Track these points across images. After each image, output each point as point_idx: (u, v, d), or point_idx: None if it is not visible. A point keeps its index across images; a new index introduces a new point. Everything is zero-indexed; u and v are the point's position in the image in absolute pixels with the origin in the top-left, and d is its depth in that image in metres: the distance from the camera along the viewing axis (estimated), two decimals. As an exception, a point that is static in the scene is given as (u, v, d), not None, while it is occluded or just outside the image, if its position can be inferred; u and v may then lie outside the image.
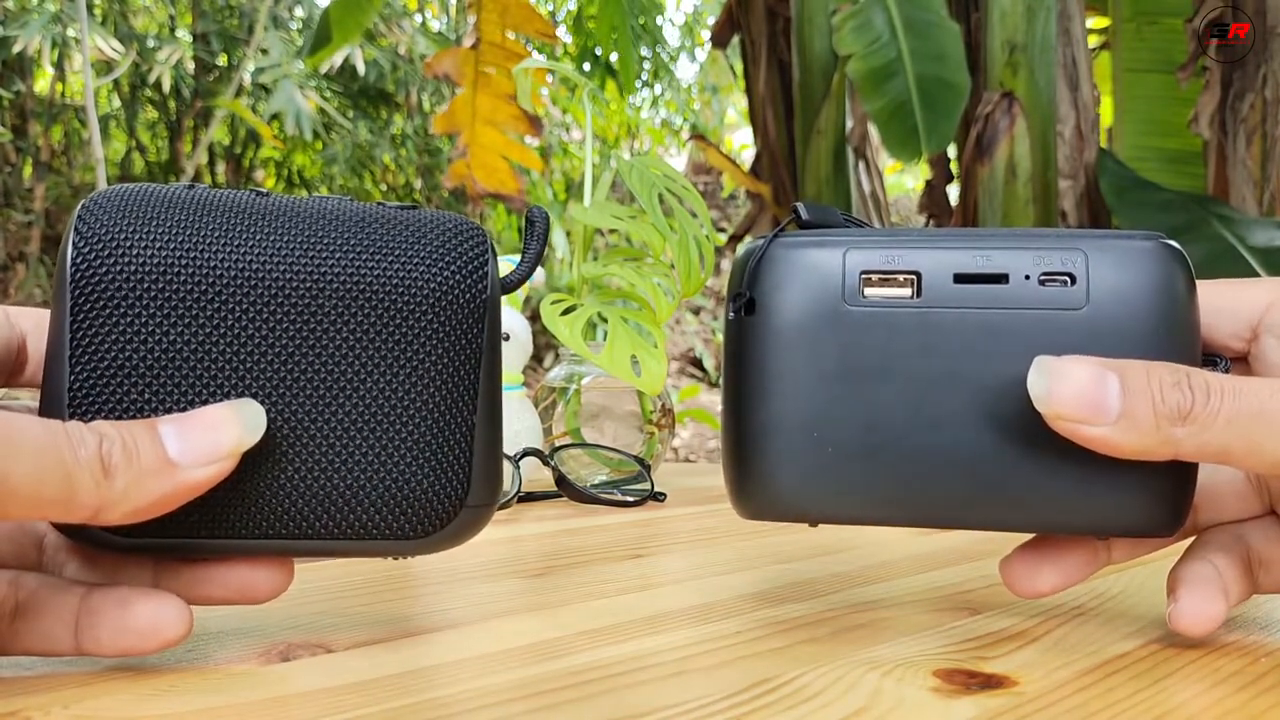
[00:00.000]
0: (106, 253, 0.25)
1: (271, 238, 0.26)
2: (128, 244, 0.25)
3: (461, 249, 0.28)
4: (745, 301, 0.30)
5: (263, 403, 0.26)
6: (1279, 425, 0.25)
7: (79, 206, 0.26)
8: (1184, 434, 0.25)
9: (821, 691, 0.25)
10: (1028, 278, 0.28)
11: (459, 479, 0.28)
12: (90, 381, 0.25)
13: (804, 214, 0.30)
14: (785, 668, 0.27)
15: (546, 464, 0.62)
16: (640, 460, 0.67)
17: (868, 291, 0.28)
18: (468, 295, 0.27)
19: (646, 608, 0.34)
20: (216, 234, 0.26)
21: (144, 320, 0.25)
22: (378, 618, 0.32)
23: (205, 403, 0.25)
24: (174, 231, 0.26)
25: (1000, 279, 0.28)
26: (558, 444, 0.68)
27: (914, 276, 0.28)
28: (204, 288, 0.26)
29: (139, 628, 0.25)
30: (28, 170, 4.09)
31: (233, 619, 0.31)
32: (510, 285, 0.30)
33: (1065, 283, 0.27)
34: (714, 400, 4.48)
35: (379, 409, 0.27)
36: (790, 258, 0.29)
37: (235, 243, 0.26)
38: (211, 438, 0.24)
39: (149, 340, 0.25)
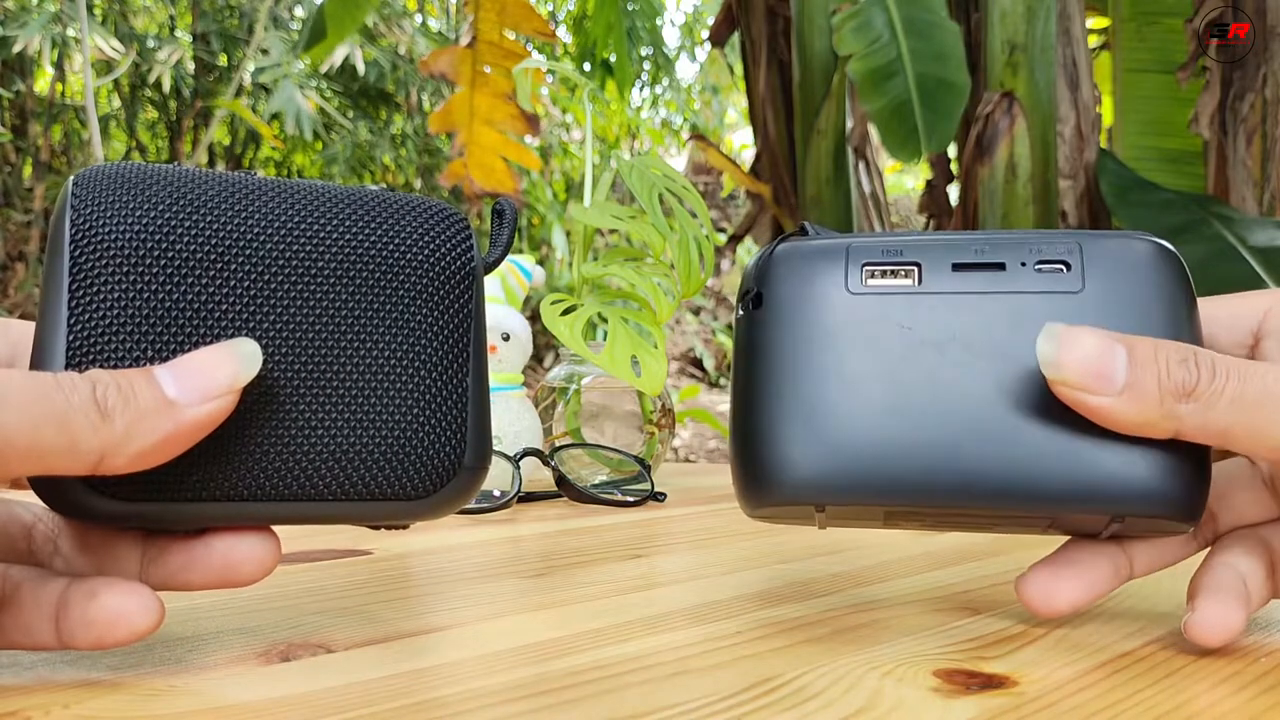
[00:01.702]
0: (109, 213, 0.25)
1: (268, 205, 0.27)
2: (129, 205, 0.25)
3: (447, 222, 0.29)
4: (753, 296, 0.30)
5: (265, 360, 0.26)
6: None
7: (72, 177, 0.26)
8: (1187, 410, 0.25)
9: (821, 691, 0.25)
10: (1023, 264, 0.28)
11: (456, 438, 0.28)
12: (91, 339, 0.25)
13: (810, 231, 0.31)
14: (785, 668, 0.27)
15: (546, 464, 0.62)
16: (640, 460, 0.67)
17: (870, 282, 0.29)
18: (458, 262, 0.29)
19: (646, 608, 0.34)
20: (213, 201, 0.26)
21: (145, 279, 0.25)
22: (378, 618, 0.32)
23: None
24: (173, 197, 0.26)
25: (998, 266, 0.29)
26: (558, 444, 0.68)
27: (915, 266, 0.29)
28: (203, 249, 0.26)
29: (105, 619, 0.25)
30: (28, 170, 4.09)
31: (233, 619, 0.31)
32: (487, 267, 0.31)
33: (1061, 270, 0.28)
34: (714, 400, 4.48)
35: (379, 368, 0.27)
36: (796, 253, 0.30)
37: (233, 209, 0.26)
38: (208, 375, 0.24)
39: (149, 299, 0.25)
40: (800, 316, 0.29)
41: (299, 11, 4.35)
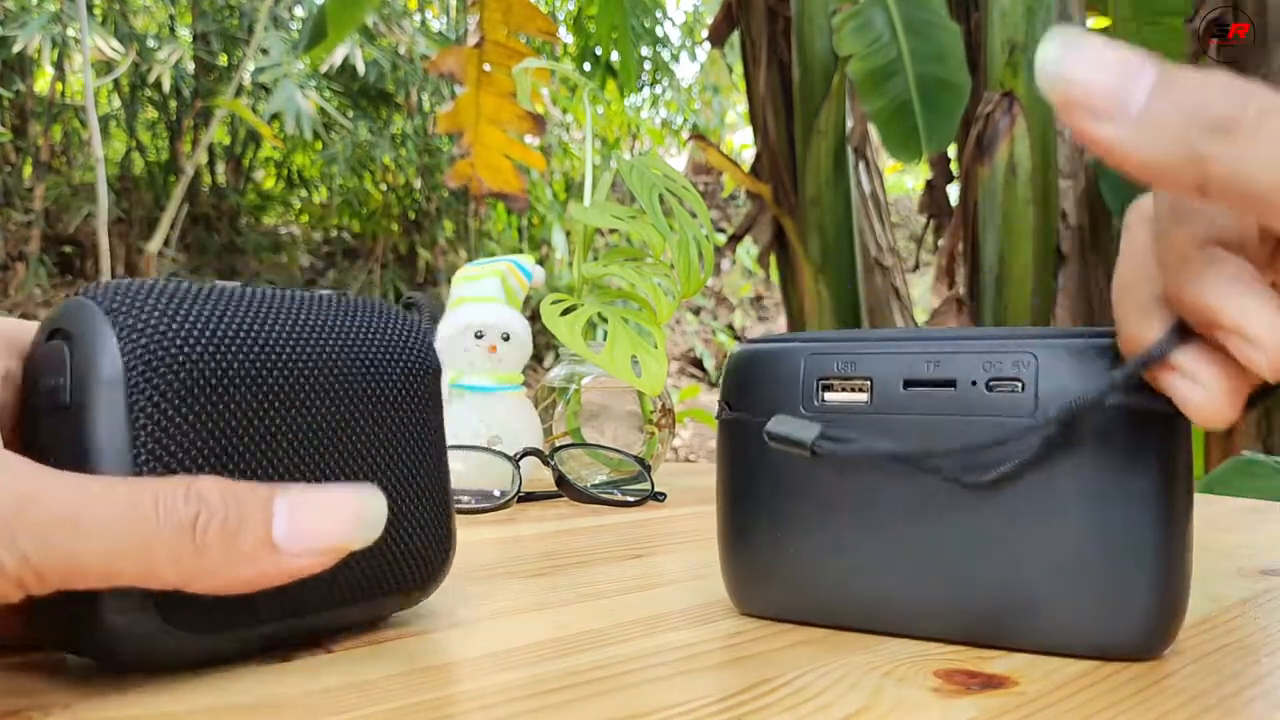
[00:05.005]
0: (170, 345, 0.24)
1: (288, 327, 0.27)
2: (183, 335, 0.25)
3: (410, 325, 0.31)
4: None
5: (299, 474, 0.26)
6: None
7: (116, 301, 0.25)
8: (1217, 151, 0.19)
9: (822, 692, 0.25)
10: (974, 383, 0.27)
11: (450, 533, 0.32)
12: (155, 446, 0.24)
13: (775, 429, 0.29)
14: (785, 668, 0.27)
15: (546, 464, 0.62)
16: (640, 460, 0.67)
17: (827, 396, 0.30)
18: (431, 364, 0.31)
19: (646, 608, 0.34)
20: (246, 325, 0.26)
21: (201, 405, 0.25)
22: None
23: (248, 475, 0.25)
24: (217, 326, 0.26)
25: (948, 384, 0.28)
26: (558, 444, 0.68)
27: (867, 381, 0.29)
28: (243, 375, 0.25)
29: None
30: (28, 170, 4.09)
31: (233, 619, 0.31)
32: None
33: (1014, 389, 0.27)
34: (714, 400, 4.48)
35: (398, 476, 0.29)
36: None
37: (264, 332, 0.27)
38: (325, 526, 0.23)
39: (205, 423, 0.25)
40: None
41: (299, 11, 4.35)
